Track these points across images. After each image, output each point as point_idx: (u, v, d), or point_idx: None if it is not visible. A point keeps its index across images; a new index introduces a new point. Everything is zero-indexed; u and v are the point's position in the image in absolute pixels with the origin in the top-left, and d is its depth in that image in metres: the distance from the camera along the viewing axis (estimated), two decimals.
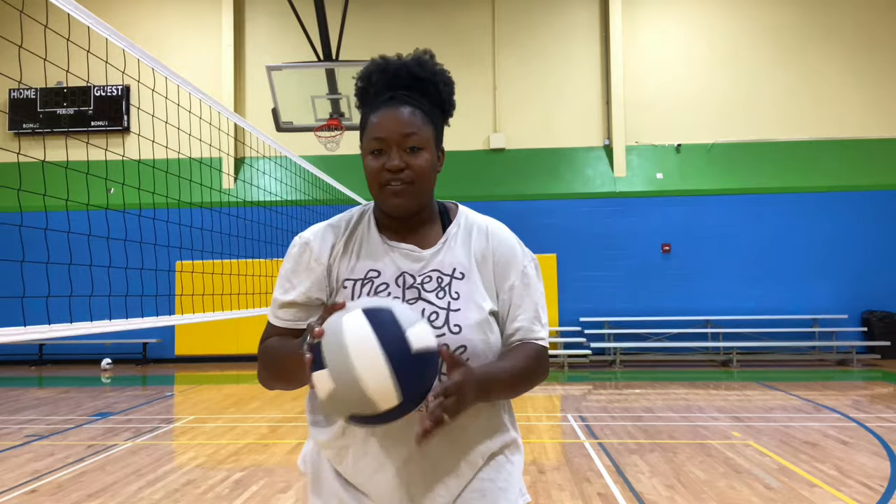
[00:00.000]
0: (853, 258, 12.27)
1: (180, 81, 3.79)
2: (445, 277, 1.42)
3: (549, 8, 13.35)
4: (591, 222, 12.63)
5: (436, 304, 1.40)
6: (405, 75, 1.41)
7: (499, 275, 1.46)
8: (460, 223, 1.50)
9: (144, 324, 3.50)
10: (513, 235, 1.53)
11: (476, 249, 1.47)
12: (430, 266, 1.44)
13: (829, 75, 12.82)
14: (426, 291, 1.41)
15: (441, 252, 1.45)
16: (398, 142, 1.36)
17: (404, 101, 1.39)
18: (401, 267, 1.43)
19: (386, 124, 1.37)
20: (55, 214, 3.48)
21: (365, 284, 1.42)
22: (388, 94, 1.41)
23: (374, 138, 1.38)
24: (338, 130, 8.94)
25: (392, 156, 1.36)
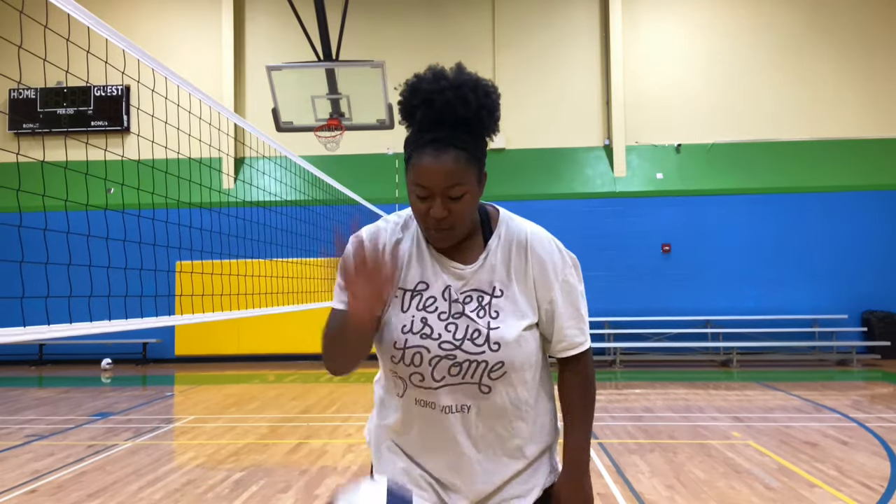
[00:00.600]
0: (853, 258, 12.27)
1: (180, 81, 3.79)
2: (486, 296, 1.50)
3: (549, 8, 13.35)
4: (591, 222, 12.63)
5: (477, 323, 1.48)
6: (450, 114, 1.41)
7: (539, 288, 1.53)
8: (501, 235, 1.55)
9: (144, 324, 3.50)
10: (552, 243, 1.57)
11: (516, 265, 1.52)
12: (470, 284, 1.51)
13: (828, 75, 12.82)
14: (468, 309, 1.49)
15: (482, 270, 1.52)
16: (442, 192, 1.40)
17: (448, 144, 1.40)
18: (446, 282, 1.51)
19: (430, 173, 1.39)
20: (54, 214, 3.48)
21: (415, 296, 1.51)
22: (432, 133, 1.41)
23: (418, 184, 1.41)
24: (338, 130, 8.94)
25: (436, 205, 1.41)
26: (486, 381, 1.47)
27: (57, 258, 3.81)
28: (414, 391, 1.51)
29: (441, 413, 1.50)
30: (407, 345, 1.47)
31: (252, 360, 12.64)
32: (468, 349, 1.46)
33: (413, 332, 1.48)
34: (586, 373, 1.59)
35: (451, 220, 1.43)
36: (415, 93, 1.43)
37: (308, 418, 7.25)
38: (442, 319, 1.48)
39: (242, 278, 5.96)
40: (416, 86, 1.43)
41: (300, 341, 12.23)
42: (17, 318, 2.95)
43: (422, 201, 1.43)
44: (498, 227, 1.56)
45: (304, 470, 5.14)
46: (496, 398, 1.49)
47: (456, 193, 1.41)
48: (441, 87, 1.41)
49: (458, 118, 1.41)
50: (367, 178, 12.13)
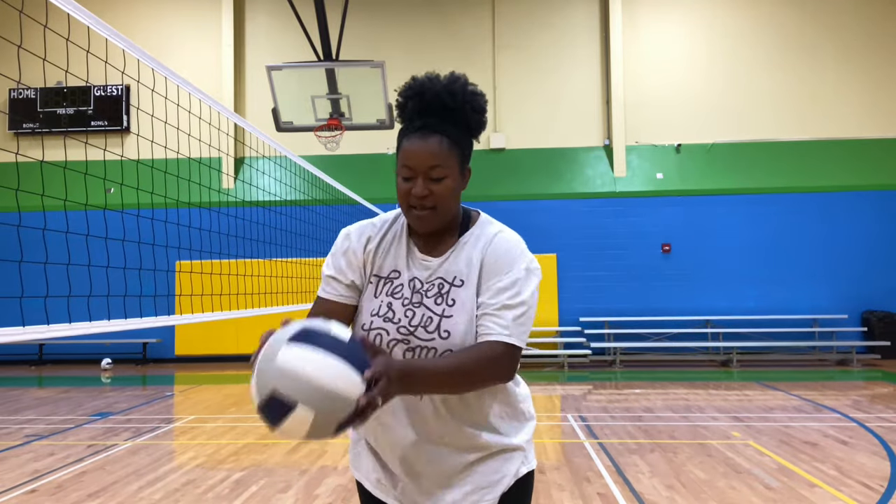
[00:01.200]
0: (853, 258, 12.27)
1: (180, 81, 3.79)
2: (446, 285, 1.57)
3: (549, 8, 13.35)
4: (591, 222, 12.63)
5: (432, 311, 1.54)
6: (437, 105, 1.53)
7: (486, 274, 1.55)
8: (474, 233, 1.62)
9: (144, 324, 3.50)
10: (517, 244, 1.58)
11: (478, 257, 1.58)
12: (435, 274, 1.59)
13: (828, 75, 12.82)
14: (427, 297, 1.56)
15: (447, 261, 1.59)
16: (424, 171, 1.51)
17: (434, 130, 1.52)
18: (414, 273, 1.60)
19: (414, 154, 1.51)
20: (53, 214, 3.48)
21: (386, 283, 1.60)
22: (420, 121, 1.54)
23: (404, 165, 1.53)
24: (338, 130, 8.94)
25: (418, 184, 1.51)
26: None
27: (56, 258, 3.81)
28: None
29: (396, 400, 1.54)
30: (372, 326, 1.56)
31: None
32: (420, 335, 1.53)
33: (378, 315, 1.57)
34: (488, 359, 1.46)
35: (432, 200, 1.52)
36: (409, 87, 1.56)
37: None
38: (404, 305, 1.56)
39: (242, 278, 5.96)
40: (412, 82, 1.57)
41: None
42: (17, 317, 2.95)
43: (406, 182, 1.54)
44: (475, 227, 1.64)
45: (304, 470, 5.14)
46: None
47: (437, 174, 1.51)
48: (433, 83, 1.55)
49: (445, 109, 1.53)
50: (367, 178, 12.13)
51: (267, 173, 12.33)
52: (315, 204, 8.40)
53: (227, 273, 5.78)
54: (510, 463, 1.63)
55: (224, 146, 11.98)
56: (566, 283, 12.42)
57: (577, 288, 12.44)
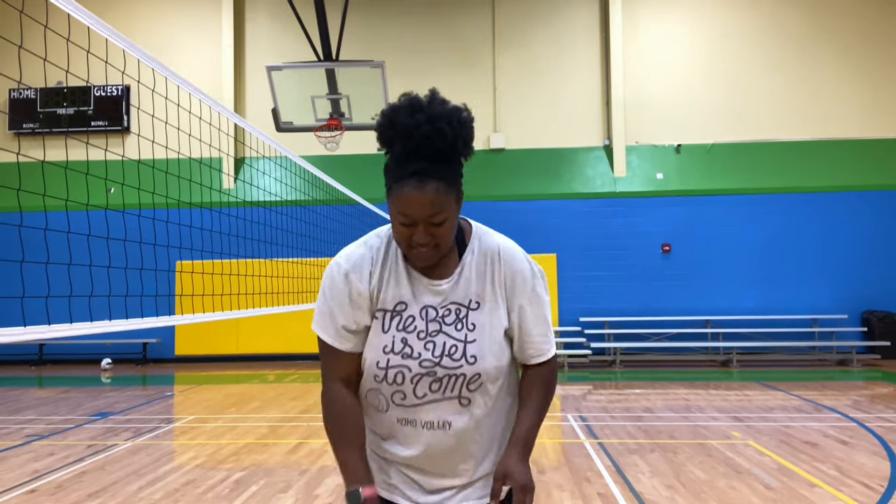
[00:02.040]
0: (853, 258, 12.27)
1: (180, 81, 3.79)
2: (462, 309, 1.56)
3: (549, 8, 13.35)
4: (591, 222, 12.63)
5: (455, 338, 1.54)
6: (429, 147, 1.43)
7: (509, 297, 1.59)
8: (474, 249, 1.61)
9: (144, 324, 3.50)
10: (523, 256, 1.63)
11: (489, 275, 1.59)
12: (449, 299, 1.57)
13: (828, 75, 12.82)
14: (446, 325, 1.55)
15: (458, 283, 1.57)
16: (424, 220, 1.46)
17: (428, 175, 1.43)
18: (424, 301, 1.56)
19: (412, 204, 1.44)
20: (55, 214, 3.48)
21: (394, 317, 1.55)
22: (412, 165, 1.43)
23: (402, 213, 1.46)
24: (338, 130, 8.95)
25: (419, 232, 1.47)
26: (465, 393, 1.53)
27: (57, 258, 3.81)
28: (396, 410, 1.57)
29: (423, 429, 1.56)
30: (389, 364, 1.53)
31: (252, 360, 12.64)
32: (446, 364, 1.52)
33: (394, 353, 1.53)
34: (550, 377, 1.64)
35: (434, 242, 1.49)
36: (392, 126, 1.44)
37: (308, 418, 7.25)
38: (421, 339, 1.54)
39: (242, 278, 5.97)
40: (392, 119, 1.44)
41: (300, 341, 12.23)
42: (18, 317, 2.95)
43: (405, 227, 1.48)
44: (472, 241, 1.62)
45: (304, 470, 5.14)
46: (475, 409, 1.55)
47: (438, 220, 1.46)
48: (417, 121, 1.42)
49: (435, 150, 1.44)
50: (367, 178, 12.06)
51: (267, 173, 12.33)
52: (315, 204, 8.40)
53: (227, 273, 5.78)
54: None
55: (224, 146, 11.98)
56: (566, 283, 12.42)
57: (577, 288, 12.44)
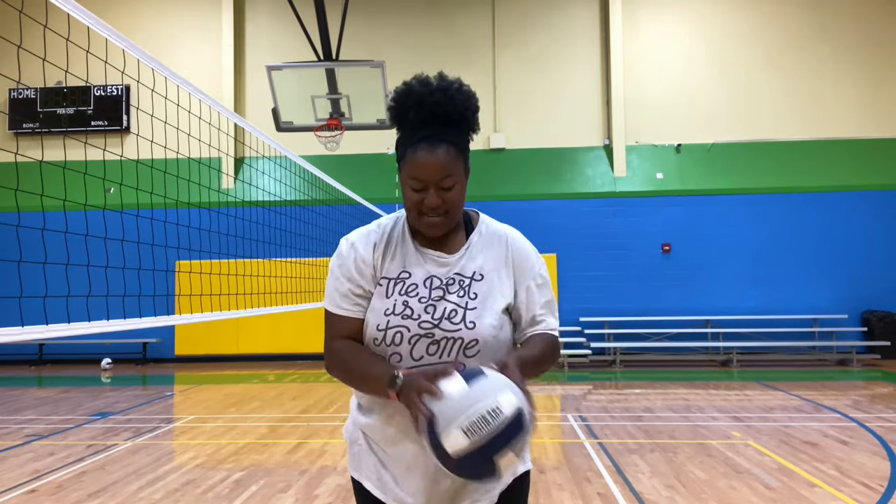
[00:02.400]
0: (853, 258, 12.27)
1: (180, 81, 3.78)
2: (466, 279, 1.61)
3: (549, 8, 13.35)
4: (591, 222, 12.63)
5: (456, 304, 1.58)
6: (440, 113, 1.54)
7: (517, 276, 1.66)
8: (481, 231, 1.69)
9: (144, 324, 3.50)
10: (528, 242, 1.73)
11: (496, 253, 1.66)
12: (454, 270, 1.63)
13: (828, 75, 12.82)
14: (449, 293, 1.59)
15: (464, 258, 1.64)
16: (436, 183, 1.53)
17: (440, 140, 1.53)
18: (429, 270, 1.62)
19: (424, 167, 1.53)
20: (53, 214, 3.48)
21: (397, 284, 1.61)
22: (424, 131, 1.54)
23: (414, 177, 1.54)
24: (338, 130, 8.94)
25: (430, 195, 1.54)
26: (461, 359, 1.55)
27: (55, 258, 3.81)
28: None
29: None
30: (388, 325, 1.57)
31: (252, 360, 12.64)
32: (445, 327, 1.56)
33: (395, 314, 1.57)
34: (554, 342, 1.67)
35: (444, 207, 1.56)
36: (408, 96, 1.55)
37: (308, 418, 7.25)
38: (422, 302, 1.58)
39: (242, 278, 5.96)
40: (407, 90, 1.55)
41: (300, 341, 12.24)
42: (16, 317, 2.95)
43: (416, 193, 1.55)
44: (479, 225, 1.71)
45: (304, 470, 5.14)
46: None
47: (448, 184, 1.54)
48: (430, 89, 1.53)
49: (447, 116, 1.54)
50: (367, 178, 12.13)
51: (267, 173, 12.32)
52: (315, 204, 8.39)
53: (227, 273, 5.78)
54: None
55: (224, 146, 11.98)
56: (566, 283, 12.42)
57: (577, 288, 12.44)
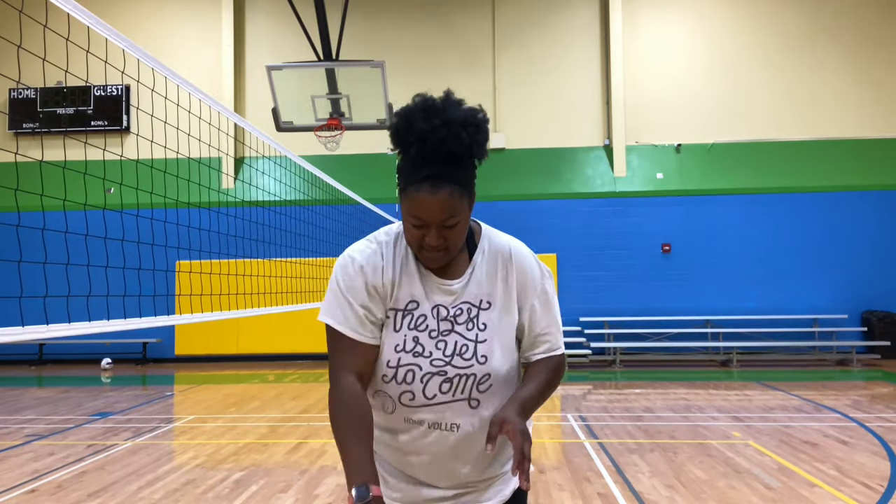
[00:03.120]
0: (853, 258, 12.27)
1: (180, 81, 3.78)
2: (474, 309, 1.56)
3: (549, 8, 13.35)
4: (590, 222, 12.63)
5: (466, 337, 1.53)
6: (444, 152, 1.42)
7: (520, 295, 1.60)
8: (484, 249, 1.61)
9: (144, 324, 3.50)
10: (531, 255, 1.66)
11: (500, 275, 1.60)
12: (460, 299, 1.56)
13: (828, 75, 12.82)
14: (458, 325, 1.54)
15: (469, 283, 1.58)
16: (438, 224, 1.45)
17: (444, 180, 1.42)
18: (436, 300, 1.55)
19: (427, 208, 1.43)
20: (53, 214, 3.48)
21: (406, 316, 1.54)
22: (427, 169, 1.42)
23: (415, 216, 1.45)
24: (338, 130, 8.94)
25: (431, 235, 1.46)
26: (475, 394, 1.52)
27: (55, 258, 3.81)
28: (403, 410, 1.54)
29: (430, 429, 1.54)
30: (399, 363, 1.51)
31: (252, 360, 12.64)
32: (457, 364, 1.51)
33: (406, 351, 1.51)
34: (558, 366, 1.63)
35: (445, 244, 1.49)
36: (408, 129, 1.43)
37: (308, 418, 7.25)
38: (433, 338, 1.53)
39: (242, 278, 5.96)
40: (409, 120, 1.43)
41: (300, 341, 12.23)
42: (16, 317, 2.95)
43: (417, 229, 1.48)
44: (481, 241, 1.63)
45: (304, 470, 5.14)
46: (484, 412, 1.53)
47: (450, 223, 1.46)
48: (434, 126, 1.41)
49: (450, 154, 1.43)
50: (367, 178, 12.13)
51: (267, 173, 12.33)
52: (315, 204, 8.39)
53: (227, 273, 5.78)
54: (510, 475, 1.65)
55: (224, 146, 11.98)
56: (566, 283, 12.42)
57: (577, 288, 12.44)
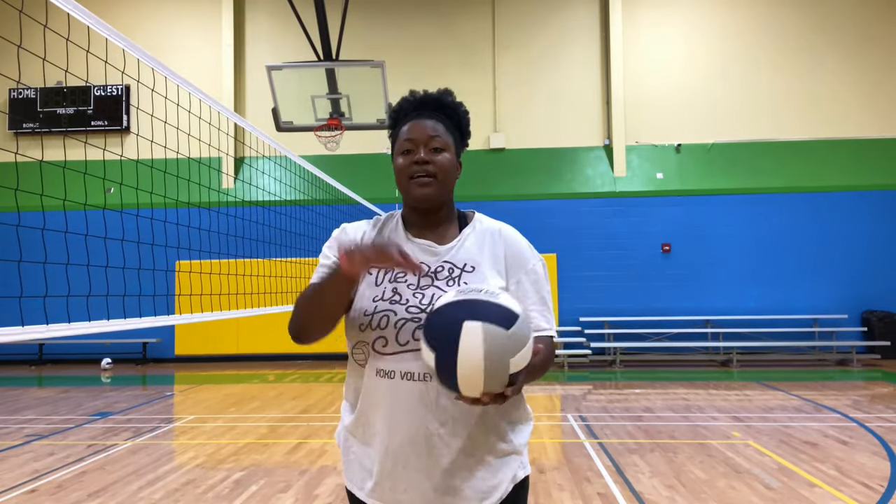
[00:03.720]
0: (853, 258, 12.27)
1: (180, 81, 3.78)
2: (457, 269, 1.60)
3: (549, 8, 13.35)
4: (591, 222, 12.63)
5: (444, 290, 1.54)
6: (431, 101, 1.65)
7: (510, 269, 1.63)
8: (475, 227, 1.69)
9: (144, 323, 3.50)
10: (523, 238, 1.71)
11: (488, 248, 1.64)
12: (443, 259, 1.62)
13: (828, 75, 12.82)
14: (438, 280, 1.57)
15: (455, 249, 1.63)
16: (425, 142, 1.59)
17: (430, 115, 1.63)
18: (418, 257, 1.60)
19: (414, 130, 1.61)
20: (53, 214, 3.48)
21: (388, 272, 1.60)
22: (415, 112, 1.65)
23: (405, 140, 1.61)
24: (338, 130, 8.94)
25: (419, 152, 1.59)
26: None
27: (55, 258, 3.81)
28: (376, 360, 1.53)
29: (402, 381, 1.50)
30: (376, 310, 1.55)
31: (252, 360, 12.64)
32: None
33: (383, 300, 1.56)
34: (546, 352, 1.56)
35: (432, 168, 1.59)
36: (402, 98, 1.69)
37: (308, 418, 7.25)
38: (411, 288, 1.57)
39: (242, 278, 5.96)
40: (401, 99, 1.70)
41: None
42: (16, 317, 2.95)
43: (406, 156, 1.61)
44: (473, 221, 1.71)
45: (304, 470, 5.14)
46: None
47: (437, 145, 1.60)
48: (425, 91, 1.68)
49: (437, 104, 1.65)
50: (367, 178, 12.13)
51: (267, 173, 12.33)
52: (315, 204, 8.39)
53: (227, 273, 5.78)
54: (508, 468, 1.57)
55: (224, 146, 11.98)
56: (566, 283, 12.42)
57: (577, 288, 12.44)
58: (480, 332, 1.24)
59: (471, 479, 1.53)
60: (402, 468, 1.52)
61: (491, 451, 1.56)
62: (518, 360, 1.27)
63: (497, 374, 1.25)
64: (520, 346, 1.27)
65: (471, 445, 1.53)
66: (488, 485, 1.54)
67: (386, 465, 1.54)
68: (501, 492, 1.55)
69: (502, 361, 1.25)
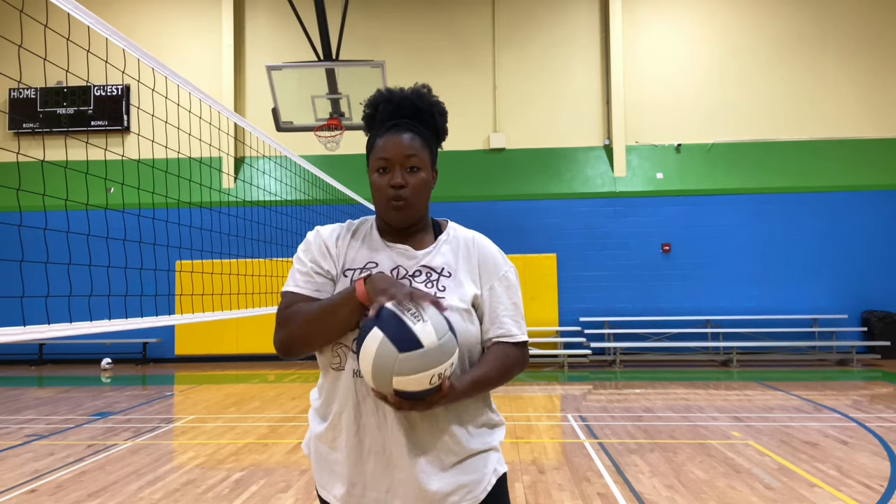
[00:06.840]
0: (853, 258, 12.27)
1: (180, 81, 3.79)
2: (434, 273, 1.61)
3: (549, 8, 13.35)
4: (591, 222, 12.63)
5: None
6: (407, 106, 1.63)
7: (483, 276, 1.65)
8: (450, 234, 1.71)
9: (144, 324, 3.50)
10: (495, 246, 1.73)
11: (462, 255, 1.66)
12: (420, 262, 1.63)
13: (828, 75, 12.82)
14: (415, 282, 1.59)
15: (432, 254, 1.65)
16: (401, 162, 1.58)
17: (406, 128, 1.61)
18: (396, 261, 1.62)
19: (391, 146, 1.59)
20: (54, 214, 3.48)
21: (363, 272, 1.60)
22: (392, 121, 1.62)
23: (381, 158, 1.60)
24: (338, 130, 8.94)
25: (395, 174, 1.58)
26: None
27: (57, 257, 3.81)
28: (352, 361, 1.53)
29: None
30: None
31: (252, 360, 12.65)
32: None
33: None
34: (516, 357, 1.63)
35: (407, 192, 1.58)
36: (376, 96, 1.67)
37: (308, 418, 7.24)
38: None
39: (242, 278, 5.96)
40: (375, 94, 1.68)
41: None
42: (17, 317, 2.95)
43: (382, 175, 1.60)
44: (447, 230, 1.72)
45: (304, 470, 5.14)
46: None
47: (413, 164, 1.59)
48: (399, 91, 1.65)
49: (415, 108, 1.63)
50: (366, 178, 12.05)
51: (267, 173, 12.33)
52: (315, 204, 8.40)
53: (227, 273, 5.78)
54: (488, 463, 1.59)
55: (224, 146, 11.98)
56: (566, 283, 12.42)
57: (577, 288, 12.44)
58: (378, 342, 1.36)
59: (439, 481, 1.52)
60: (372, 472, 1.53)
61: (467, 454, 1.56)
62: (404, 381, 1.36)
63: (381, 382, 1.38)
64: (407, 371, 1.35)
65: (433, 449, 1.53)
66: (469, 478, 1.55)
67: (357, 469, 1.54)
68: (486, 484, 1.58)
69: (385, 376, 1.37)
